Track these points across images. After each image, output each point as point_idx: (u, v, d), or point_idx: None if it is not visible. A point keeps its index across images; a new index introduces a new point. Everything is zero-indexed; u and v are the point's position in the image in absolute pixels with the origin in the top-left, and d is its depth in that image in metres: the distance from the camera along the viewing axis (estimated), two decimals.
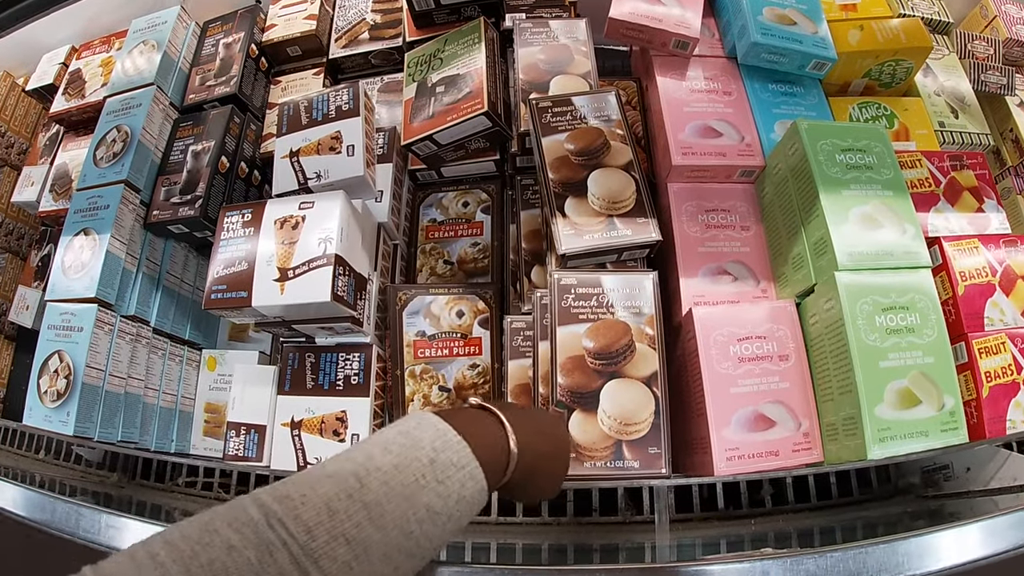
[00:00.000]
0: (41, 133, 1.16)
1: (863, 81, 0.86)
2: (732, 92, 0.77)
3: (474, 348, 0.74)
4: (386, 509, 0.32)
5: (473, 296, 0.74)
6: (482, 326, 0.74)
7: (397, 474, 0.33)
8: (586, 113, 0.70)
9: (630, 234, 0.64)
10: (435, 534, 0.34)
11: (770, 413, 0.66)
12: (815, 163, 0.68)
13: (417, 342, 0.74)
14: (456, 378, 0.73)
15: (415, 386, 0.73)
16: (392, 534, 0.31)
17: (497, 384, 0.73)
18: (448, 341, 0.74)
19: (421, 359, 0.73)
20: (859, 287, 0.64)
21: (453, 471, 0.35)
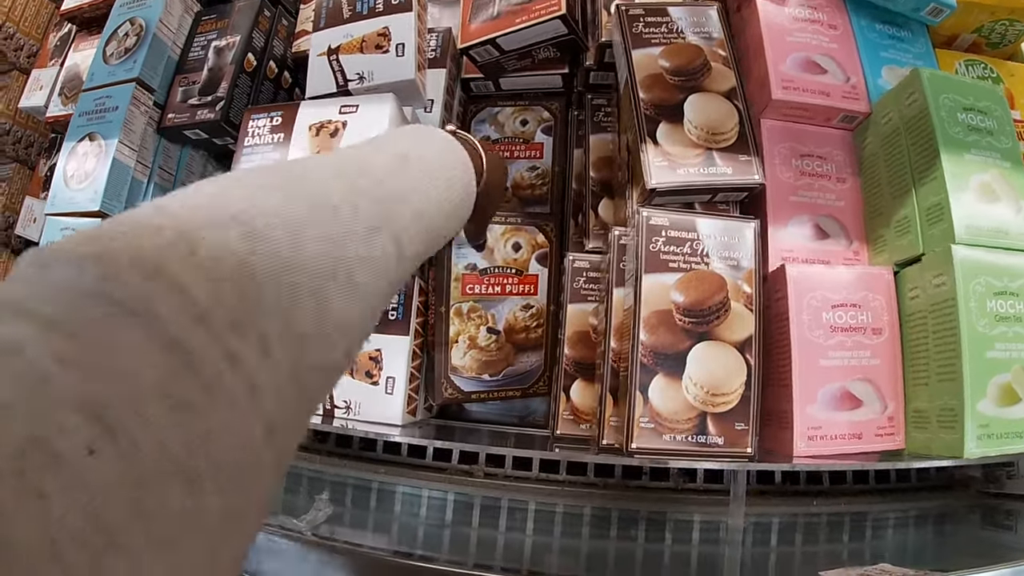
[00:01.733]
0: (52, 33, 1.00)
1: (972, 36, 0.72)
2: (837, 26, 0.62)
3: (529, 287, 0.60)
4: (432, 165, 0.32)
5: (532, 228, 0.61)
6: (540, 262, 0.61)
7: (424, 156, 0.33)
8: (684, 27, 0.55)
9: (730, 172, 0.50)
10: (449, 218, 0.34)
11: (857, 391, 0.54)
12: (937, 118, 0.54)
13: (466, 276, 0.60)
14: (507, 319, 0.60)
15: (460, 325, 0.59)
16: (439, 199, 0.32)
17: (552, 329, 0.60)
18: (501, 277, 0.60)
19: (469, 296, 0.60)
20: (975, 265, 0.52)
21: (463, 166, 0.35)
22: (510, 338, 0.61)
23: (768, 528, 0.60)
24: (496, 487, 0.60)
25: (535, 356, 0.61)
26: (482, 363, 0.59)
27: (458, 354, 0.60)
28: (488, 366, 0.60)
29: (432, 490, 0.60)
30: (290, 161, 0.27)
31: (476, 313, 0.60)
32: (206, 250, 0.17)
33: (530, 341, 0.61)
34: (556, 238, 0.61)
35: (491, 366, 0.60)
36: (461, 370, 0.60)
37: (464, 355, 0.60)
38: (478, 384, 0.60)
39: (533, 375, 0.61)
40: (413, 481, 0.61)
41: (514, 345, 0.61)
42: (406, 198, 0.28)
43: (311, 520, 0.47)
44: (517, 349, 0.60)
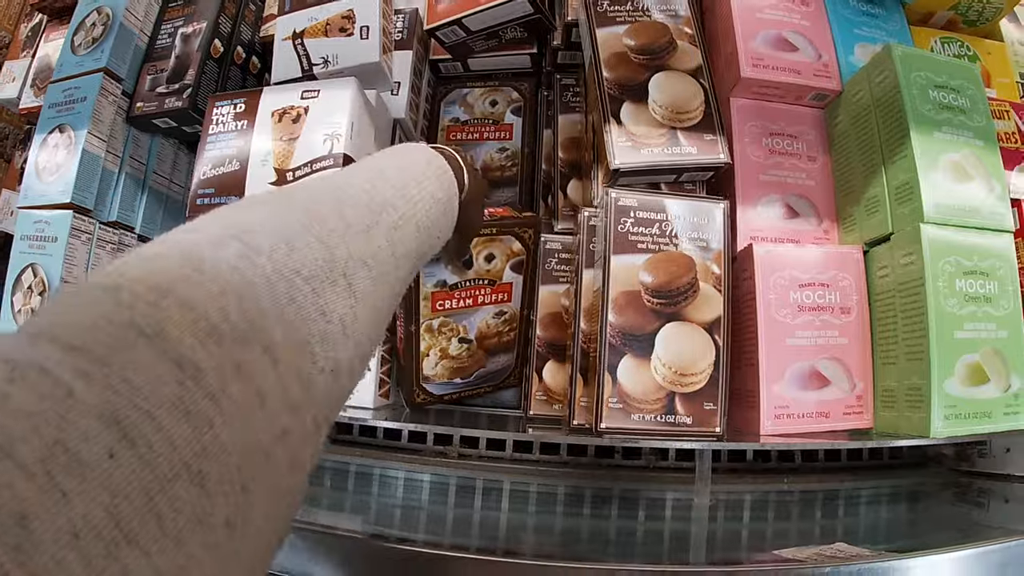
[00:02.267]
0: (23, 24, 0.97)
1: (948, 14, 0.70)
2: (810, 3, 0.61)
3: (503, 295, 0.58)
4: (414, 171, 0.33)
5: (509, 237, 0.56)
6: (515, 270, 0.58)
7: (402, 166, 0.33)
8: (650, 5, 0.54)
9: (695, 152, 0.49)
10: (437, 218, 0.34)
11: (825, 370, 0.54)
12: (907, 96, 0.53)
13: (436, 294, 0.55)
14: (479, 327, 0.58)
15: (431, 340, 0.57)
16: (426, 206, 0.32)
17: (524, 329, 0.60)
18: (473, 290, 0.57)
19: (440, 312, 0.56)
20: (944, 244, 0.51)
21: (442, 172, 0.35)
22: (481, 344, 0.59)
23: (740, 505, 0.60)
24: (470, 467, 0.60)
25: (506, 356, 0.61)
26: (453, 369, 0.59)
27: (429, 365, 0.58)
28: (459, 371, 0.59)
29: (408, 472, 0.60)
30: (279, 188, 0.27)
31: (447, 327, 0.57)
32: (209, 268, 0.19)
33: (502, 344, 0.60)
34: (534, 244, 0.58)
35: (462, 371, 0.59)
36: (433, 378, 0.58)
37: (436, 365, 0.58)
38: (450, 387, 0.59)
39: (504, 372, 0.61)
40: (389, 463, 0.60)
41: (485, 350, 0.59)
42: (392, 202, 0.29)
43: None
44: (488, 353, 0.60)
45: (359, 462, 0.62)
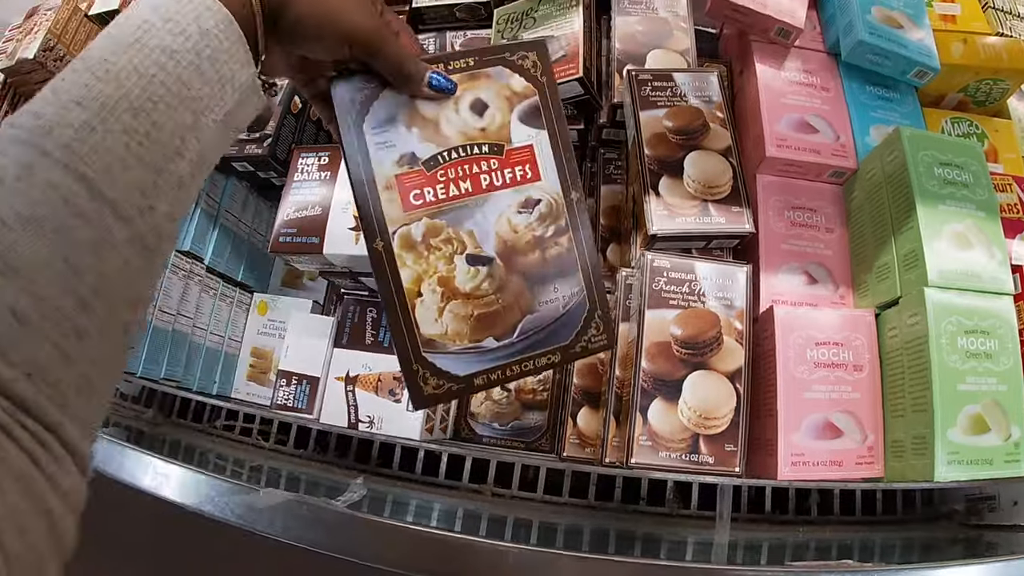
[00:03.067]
0: None
1: (958, 96, 0.80)
2: (830, 89, 0.71)
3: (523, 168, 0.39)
4: (111, 63, 0.24)
5: (499, 68, 0.38)
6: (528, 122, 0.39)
7: (112, 31, 0.26)
8: (686, 91, 0.64)
9: (724, 222, 0.59)
10: (188, 77, 0.26)
11: (839, 422, 0.62)
12: (914, 173, 0.63)
13: (403, 177, 0.37)
14: (498, 233, 0.38)
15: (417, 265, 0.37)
16: (128, 86, 0.24)
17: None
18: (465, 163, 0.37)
19: (418, 209, 0.37)
20: (946, 306, 0.59)
21: (179, 5, 0.26)
22: (513, 265, 0.38)
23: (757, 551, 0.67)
24: (503, 505, 0.67)
25: (567, 283, 0.39)
26: (476, 320, 0.38)
27: (427, 315, 0.37)
28: (488, 323, 0.39)
29: (443, 506, 0.67)
30: None
31: (439, 236, 0.37)
32: None
33: (550, 261, 0.39)
34: (544, 74, 0.39)
35: (493, 322, 0.39)
36: (442, 342, 0.37)
37: (438, 316, 0.37)
38: (478, 359, 0.38)
39: (575, 318, 0.39)
40: (425, 496, 0.68)
41: (524, 276, 0.39)
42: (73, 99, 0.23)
43: (346, 499, 0.56)
44: (532, 281, 0.39)
45: (398, 493, 0.68)
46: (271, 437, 0.79)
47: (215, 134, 0.28)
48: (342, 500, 0.55)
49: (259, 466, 0.75)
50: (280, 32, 0.30)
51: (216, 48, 0.27)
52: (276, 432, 0.79)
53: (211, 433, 0.82)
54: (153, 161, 0.25)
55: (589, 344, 0.39)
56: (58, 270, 0.21)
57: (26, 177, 0.21)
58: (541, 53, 0.39)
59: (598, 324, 0.39)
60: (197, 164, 0.27)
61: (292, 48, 0.31)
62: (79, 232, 0.22)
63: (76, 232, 0.22)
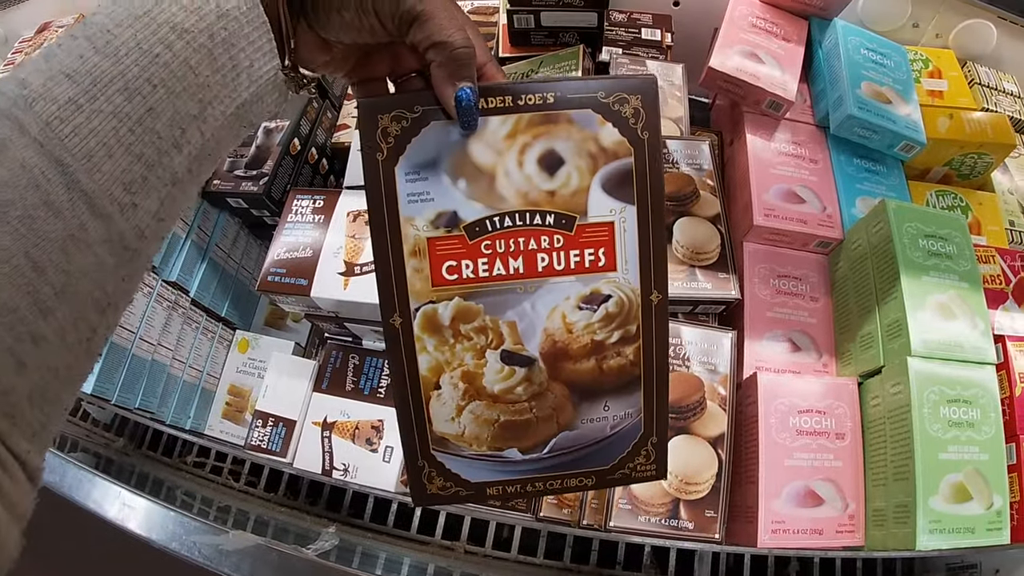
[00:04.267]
0: None
1: (943, 169, 0.87)
2: (818, 161, 0.77)
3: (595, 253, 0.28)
4: (112, 34, 0.22)
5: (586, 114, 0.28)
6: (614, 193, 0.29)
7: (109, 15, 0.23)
8: (678, 158, 0.70)
9: (710, 288, 0.63)
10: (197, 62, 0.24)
11: (820, 490, 0.65)
12: (899, 244, 0.68)
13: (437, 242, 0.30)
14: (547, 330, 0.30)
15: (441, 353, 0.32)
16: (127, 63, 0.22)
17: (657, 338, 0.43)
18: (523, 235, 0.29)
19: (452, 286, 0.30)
20: (929, 376, 0.64)
21: None
22: (559, 372, 0.32)
23: None
24: (476, 563, 0.69)
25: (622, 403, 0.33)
26: (500, 427, 0.33)
27: (444, 410, 0.32)
28: (514, 432, 0.33)
29: (413, 561, 0.68)
30: None
31: (471, 323, 0.31)
32: None
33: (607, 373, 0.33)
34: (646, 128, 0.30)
35: (521, 433, 0.33)
36: (456, 443, 0.33)
37: (457, 414, 0.32)
38: (495, 468, 0.33)
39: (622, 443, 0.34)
40: (396, 550, 0.69)
41: (570, 386, 0.33)
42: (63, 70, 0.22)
43: (317, 548, 0.58)
44: (579, 394, 0.33)
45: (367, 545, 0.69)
46: (242, 478, 0.81)
47: (223, 128, 0.25)
48: (312, 548, 0.57)
49: (227, 507, 0.77)
50: (313, 13, 0.27)
51: (234, 32, 0.24)
52: (247, 473, 0.81)
53: (181, 468, 0.84)
54: (143, 152, 0.23)
55: (633, 473, 0.34)
56: (17, 265, 0.20)
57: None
58: (649, 98, 0.29)
59: (649, 452, 0.34)
60: (197, 160, 0.25)
61: (327, 30, 0.27)
62: (47, 224, 0.20)
63: (44, 224, 0.20)
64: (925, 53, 0.95)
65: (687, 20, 0.90)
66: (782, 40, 0.80)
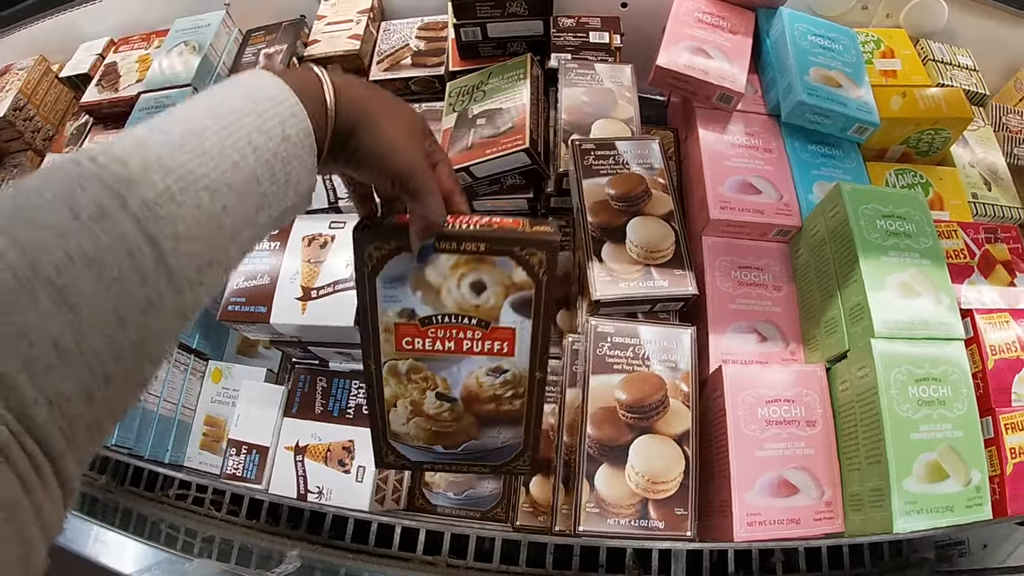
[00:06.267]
0: (69, 122, 1.14)
1: (901, 148, 0.86)
2: (772, 150, 0.77)
3: (502, 344, 0.44)
4: (202, 138, 0.27)
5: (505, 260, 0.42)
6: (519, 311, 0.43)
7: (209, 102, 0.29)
8: (629, 159, 0.69)
9: (666, 285, 0.62)
10: (261, 173, 0.29)
11: (794, 479, 0.64)
12: (856, 227, 0.67)
13: (401, 327, 0.44)
14: (466, 384, 0.46)
15: (398, 388, 0.46)
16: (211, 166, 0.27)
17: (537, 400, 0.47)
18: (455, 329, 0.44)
19: (407, 351, 0.45)
20: (894, 356, 0.63)
21: (271, 104, 0.30)
22: (471, 408, 0.46)
23: None
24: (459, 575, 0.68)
25: (510, 432, 0.48)
26: (432, 433, 0.48)
27: (398, 419, 0.47)
28: (441, 438, 0.48)
29: None
30: None
31: (419, 375, 0.45)
32: None
33: (502, 414, 0.47)
34: (547, 274, 0.41)
35: (445, 438, 0.48)
36: (404, 438, 0.48)
37: (407, 422, 0.47)
38: (428, 455, 0.49)
39: (507, 452, 0.49)
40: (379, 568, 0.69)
41: (477, 417, 0.47)
42: (159, 164, 0.25)
43: (281, 571, 0.57)
44: (482, 422, 0.47)
45: (349, 565, 0.69)
46: (223, 507, 0.80)
47: (265, 228, 0.30)
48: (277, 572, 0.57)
49: (211, 537, 0.76)
50: (342, 154, 0.34)
51: (291, 154, 0.30)
52: (228, 502, 0.80)
53: (163, 502, 0.84)
54: (213, 242, 0.27)
55: (514, 469, 0.51)
56: (107, 317, 0.23)
57: (101, 220, 0.23)
58: (550, 255, 0.41)
59: (525, 460, 0.49)
60: (241, 253, 0.30)
61: (346, 169, 0.36)
62: (135, 288, 0.24)
63: (133, 288, 0.24)
64: (876, 34, 0.95)
65: (636, 20, 0.90)
66: (729, 33, 0.80)
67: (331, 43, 0.90)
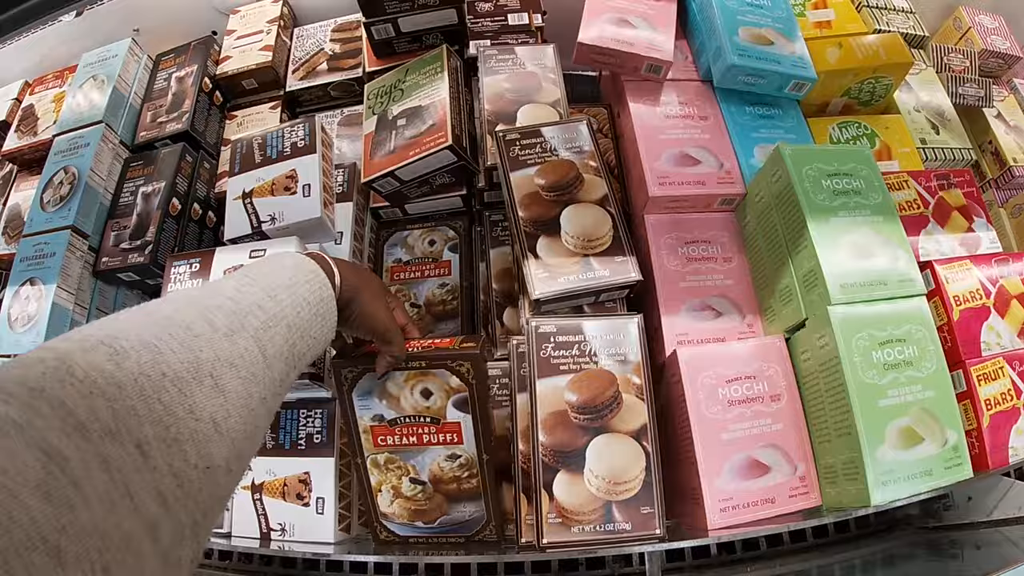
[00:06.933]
0: None
1: (842, 100, 0.82)
2: (708, 117, 0.73)
3: (452, 435, 0.57)
4: (276, 290, 0.37)
5: (443, 371, 0.55)
6: (460, 408, 0.56)
7: (269, 270, 0.39)
8: (556, 145, 0.65)
9: (608, 275, 0.59)
10: (310, 320, 0.40)
11: (764, 458, 0.61)
12: (801, 190, 0.63)
13: (375, 428, 0.57)
14: (431, 469, 0.58)
15: (381, 476, 0.59)
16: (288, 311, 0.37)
17: (490, 478, 0.59)
18: (415, 427, 0.57)
19: (383, 447, 0.58)
20: (854, 321, 0.59)
21: (313, 275, 0.41)
22: (439, 489, 0.58)
23: None
24: None
25: (473, 506, 0.59)
26: (412, 511, 0.59)
27: (384, 501, 0.59)
28: (420, 515, 0.59)
29: None
30: (148, 302, 0.32)
31: (394, 464, 0.58)
32: (80, 372, 0.23)
33: (464, 492, 0.58)
34: (475, 379, 0.54)
35: (423, 515, 0.59)
36: (391, 516, 0.59)
37: (391, 503, 0.59)
38: (413, 530, 0.60)
39: (475, 523, 0.59)
40: None
41: (445, 496, 0.58)
42: (259, 305, 0.35)
43: None
44: (449, 500, 0.59)
45: None
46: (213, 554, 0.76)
47: (305, 357, 0.39)
48: None
49: None
50: (340, 315, 0.44)
51: (328, 308, 0.42)
52: None
53: None
54: (290, 360, 0.37)
55: (484, 539, 0.60)
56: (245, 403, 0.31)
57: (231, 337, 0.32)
58: (476, 364, 0.55)
59: (491, 530, 0.60)
60: (289, 378, 0.38)
61: (341, 327, 0.46)
62: (255, 386, 0.32)
63: (255, 385, 0.32)
64: None
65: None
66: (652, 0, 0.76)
67: (243, 58, 0.85)
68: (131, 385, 0.24)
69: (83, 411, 0.22)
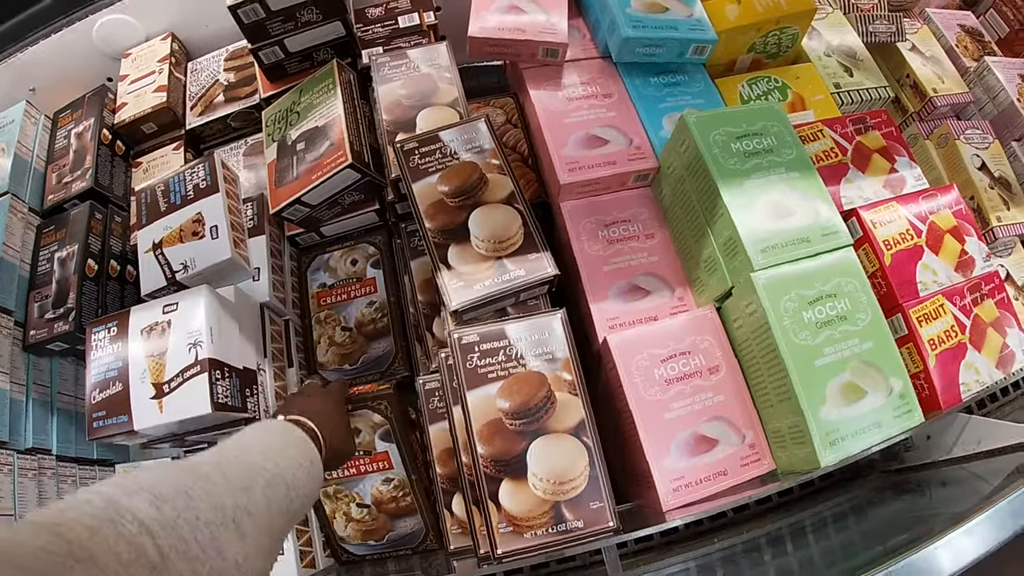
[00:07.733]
0: None
1: (749, 56, 0.80)
2: (613, 94, 0.70)
3: (382, 463, 0.65)
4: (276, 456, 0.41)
5: (367, 411, 0.64)
6: (385, 439, 0.65)
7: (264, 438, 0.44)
8: (456, 148, 0.62)
9: (524, 274, 0.57)
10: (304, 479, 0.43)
11: (710, 432, 0.60)
12: (710, 157, 0.61)
13: None
14: (372, 493, 0.66)
15: (332, 505, 0.66)
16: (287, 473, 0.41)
17: (422, 494, 0.66)
18: (353, 461, 0.65)
19: (330, 480, 0.66)
20: (779, 283, 0.58)
21: (302, 441, 0.46)
22: (382, 509, 0.65)
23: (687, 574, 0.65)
24: None
25: (412, 520, 0.66)
26: (363, 532, 0.66)
27: (339, 526, 0.66)
28: (370, 534, 0.66)
29: None
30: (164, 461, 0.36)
31: (342, 494, 0.65)
32: (127, 513, 0.27)
33: (402, 509, 0.65)
34: (393, 413, 0.63)
35: (373, 534, 0.66)
36: (347, 539, 0.66)
37: (345, 527, 0.66)
38: (367, 548, 0.67)
39: (417, 536, 0.66)
40: None
41: (389, 515, 0.66)
42: (263, 465, 0.39)
43: None
44: (392, 517, 0.66)
45: None
46: None
47: (296, 519, 0.42)
48: None
49: None
50: None
51: (316, 469, 0.45)
52: None
53: None
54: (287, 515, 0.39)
55: (426, 549, 0.68)
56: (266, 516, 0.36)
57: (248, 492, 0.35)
58: (391, 401, 0.63)
59: (431, 538, 0.67)
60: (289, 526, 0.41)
61: None
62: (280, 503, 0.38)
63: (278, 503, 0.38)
64: None
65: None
66: None
67: (138, 103, 0.81)
68: (170, 526, 0.28)
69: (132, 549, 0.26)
